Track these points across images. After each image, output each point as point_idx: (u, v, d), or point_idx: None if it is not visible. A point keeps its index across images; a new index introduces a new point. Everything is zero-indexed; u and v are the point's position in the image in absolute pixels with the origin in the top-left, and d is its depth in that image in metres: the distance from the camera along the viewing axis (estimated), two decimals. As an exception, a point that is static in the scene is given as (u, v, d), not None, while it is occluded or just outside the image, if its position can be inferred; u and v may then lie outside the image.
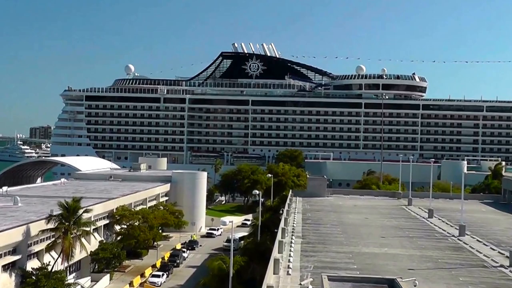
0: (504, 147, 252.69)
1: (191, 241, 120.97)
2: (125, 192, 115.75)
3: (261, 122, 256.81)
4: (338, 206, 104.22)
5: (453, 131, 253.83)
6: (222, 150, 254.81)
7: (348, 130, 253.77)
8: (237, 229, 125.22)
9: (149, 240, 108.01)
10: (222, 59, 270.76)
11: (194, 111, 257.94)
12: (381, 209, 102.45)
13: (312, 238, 68.09)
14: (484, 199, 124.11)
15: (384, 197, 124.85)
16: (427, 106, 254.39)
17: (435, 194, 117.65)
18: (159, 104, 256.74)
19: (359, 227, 78.86)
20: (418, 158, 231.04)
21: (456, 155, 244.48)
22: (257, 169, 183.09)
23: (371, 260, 57.46)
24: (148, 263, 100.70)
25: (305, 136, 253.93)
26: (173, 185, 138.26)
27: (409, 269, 52.74)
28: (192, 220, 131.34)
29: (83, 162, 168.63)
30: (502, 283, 50.02)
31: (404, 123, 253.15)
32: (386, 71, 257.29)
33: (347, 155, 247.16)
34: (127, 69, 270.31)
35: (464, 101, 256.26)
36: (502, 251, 62.93)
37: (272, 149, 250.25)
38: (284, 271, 49.93)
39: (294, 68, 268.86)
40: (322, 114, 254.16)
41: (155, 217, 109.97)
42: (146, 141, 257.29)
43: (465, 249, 65.06)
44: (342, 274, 47.11)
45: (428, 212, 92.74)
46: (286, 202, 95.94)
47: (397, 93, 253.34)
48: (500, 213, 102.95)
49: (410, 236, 72.91)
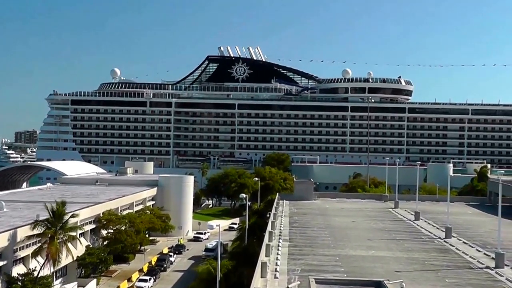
0: (489, 150, 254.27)
1: (178, 245, 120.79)
2: (112, 197, 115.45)
3: (247, 126, 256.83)
4: (325, 209, 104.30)
5: (439, 134, 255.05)
6: (209, 154, 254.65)
7: (334, 134, 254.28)
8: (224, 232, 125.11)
9: (136, 244, 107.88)
10: (208, 63, 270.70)
11: (181, 115, 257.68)
12: (368, 212, 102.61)
13: (299, 241, 68.12)
14: (470, 201, 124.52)
15: (371, 200, 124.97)
16: (413, 110, 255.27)
17: (422, 197, 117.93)
18: (145, 108, 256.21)
19: (346, 230, 78.97)
20: (404, 161, 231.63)
21: (442, 158, 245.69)
22: (244, 172, 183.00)
23: (358, 262, 57.55)
24: (135, 268, 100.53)
25: (292, 140, 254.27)
26: (160, 189, 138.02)
27: (396, 271, 52.84)
28: (179, 224, 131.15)
29: (69, 167, 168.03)
30: (488, 284, 50.26)
31: (390, 126, 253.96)
32: (372, 75, 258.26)
33: (333, 159, 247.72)
34: (113, 73, 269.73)
35: (449, 104, 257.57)
36: (488, 252, 63.20)
37: (258, 153, 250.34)
38: (271, 275, 49.92)
39: (280, 72, 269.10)
40: (308, 118, 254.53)
41: (141, 221, 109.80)
42: (133, 145, 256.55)
43: (451, 251, 65.30)
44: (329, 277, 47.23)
45: (414, 215, 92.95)
46: (273, 205, 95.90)
47: (383, 97, 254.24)
48: (486, 215, 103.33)
49: (397, 239, 73.07)
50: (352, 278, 46.70)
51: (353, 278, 46.55)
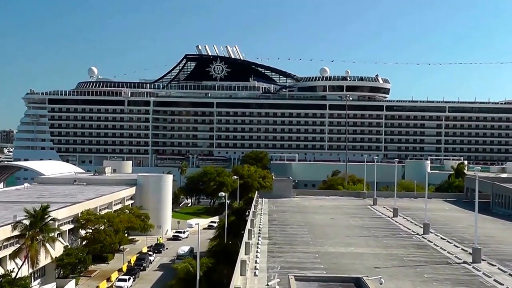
0: (466, 147, 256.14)
1: (157, 244, 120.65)
2: (90, 196, 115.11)
3: (226, 124, 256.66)
4: (304, 207, 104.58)
5: (416, 131, 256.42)
6: (188, 153, 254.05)
7: (313, 132, 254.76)
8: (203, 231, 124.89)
9: (115, 244, 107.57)
10: (186, 62, 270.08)
11: (159, 113, 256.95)
12: (347, 209, 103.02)
13: (278, 239, 68.27)
14: (447, 198, 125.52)
15: (350, 197, 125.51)
16: (391, 107, 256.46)
17: (400, 194, 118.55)
18: (123, 107, 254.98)
19: (325, 227, 79.24)
20: (382, 158, 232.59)
21: (420, 155, 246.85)
22: (223, 171, 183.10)
23: (338, 259, 57.82)
24: (114, 267, 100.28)
25: (270, 138, 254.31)
26: (139, 188, 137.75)
27: (375, 268, 53.16)
28: (158, 223, 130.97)
29: (46, 166, 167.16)
30: (465, 279, 50.72)
31: (368, 124, 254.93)
32: (350, 73, 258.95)
33: (312, 156, 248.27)
34: (90, 71, 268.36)
35: (427, 102, 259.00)
36: (465, 248, 63.79)
37: (237, 151, 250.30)
38: (251, 272, 50.01)
39: (258, 70, 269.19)
40: (287, 116, 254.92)
41: (120, 220, 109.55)
42: (111, 144, 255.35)
43: (429, 247, 65.78)
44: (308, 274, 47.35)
45: (393, 211, 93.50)
46: (252, 203, 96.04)
47: (361, 95, 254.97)
48: (463, 211, 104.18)
49: (376, 235, 73.46)
50: (331, 275, 46.85)
51: (332, 275, 46.70)
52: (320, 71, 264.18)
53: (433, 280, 49.74)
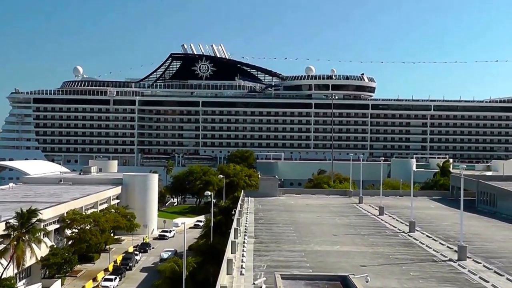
0: (452, 145, 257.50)
1: (143, 244, 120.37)
2: (76, 196, 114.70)
3: (211, 123, 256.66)
4: (290, 206, 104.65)
5: (402, 130, 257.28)
6: (173, 152, 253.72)
7: (298, 130, 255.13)
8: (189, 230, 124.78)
9: (101, 243, 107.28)
10: (171, 60, 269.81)
11: (144, 113, 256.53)
12: (333, 208, 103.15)
13: (264, 238, 68.27)
14: (433, 196, 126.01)
15: (336, 195, 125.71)
16: (376, 106, 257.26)
17: (386, 192, 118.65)
18: (108, 106, 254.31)
19: (311, 226, 79.30)
20: (368, 157, 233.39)
21: (405, 153, 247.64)
22: (209, 170, 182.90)
23: (324, 258, 57.87)
24: (100, 267, 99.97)
25: (256, 137, 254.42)
26: (124, 187, 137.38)
27: (361, 266, 53.22)
28: (144, 223, 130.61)
29: (32, 166, 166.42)
30: (451, 276, 50.90)
31: (354, 122, 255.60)
32: (335, 72, 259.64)
33: (298, 155, 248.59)
34: (75, 70, 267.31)
35: (412, 100, 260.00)
36: (450, 245, 64.03)
37: (223, 150, 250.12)
38: (237, 271, 49.98)
39: (244, 69, 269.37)
40: (272, 115, 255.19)
41: (106, 220, 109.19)
42: (96, 143, 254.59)
43: (415, 245, 65.98)
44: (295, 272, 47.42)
45: (378, 210, 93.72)
46: (238, 202, 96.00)
47: (346, 94, 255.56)
48: (448, 209, 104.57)
49: (362, 234, 73.61)
50: (317, 273, 46.88)
51: (318, 273, 46.72)
52: (306, 70, 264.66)
53: (419, 278, 49.89)
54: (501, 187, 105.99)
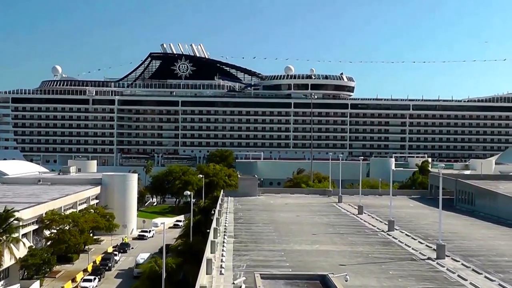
0: (430, 144, 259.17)
1: (122, 244, 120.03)
2: (55, 196, 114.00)
3: (191, 123, 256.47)
4: (270, 205, 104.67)
5: (381, 129, 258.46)
6: (153, 152, 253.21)
7: (278, 130, 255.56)
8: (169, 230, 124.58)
9: (80, 244, 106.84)
10: (151, 60, 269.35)
11: (124, 112, 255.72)
12: (312, 207, 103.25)
13: (244, 237, 68.26)
14: (411, 195, 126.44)
15: (315, 195, 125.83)
16: (355, 106, 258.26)
17: (365, 191, 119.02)
18: (87, 105, 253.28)
19: (290, 225, 79.34)
20: (347, 156, 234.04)
21: (384, 152, 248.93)
22: (188, 170, 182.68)
23: (303, 257, 57.94)
24: (80, 268, 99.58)
25: (236, 136, 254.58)
26: (104, 187, 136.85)
27: (340, 265, 53.33)
28: (123, 223, 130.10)
29: (10, 166, 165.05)
30: (430, 275, 51.16)
31: (333, 122, 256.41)
32: (314, 71, 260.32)
33: (277, 155, 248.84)
34: (54, 70, 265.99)
35: (391, 100, 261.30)
36: (429, 244, 64.31)
37: (202, 150, 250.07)
38: (217, 271, 49.95)
39: (223, 69, 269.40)
40: (252, 114, 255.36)
41: (85, 220, 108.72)
42: (75, 143, 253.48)
43: (394, 244, 66.23)
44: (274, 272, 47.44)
45: (358, 209, 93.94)
46: (217, 202, 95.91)
47: (325, 93, 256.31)
48: (427, 207, 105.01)
49: (341, 233, 73.76)
50: (297, 273, 46.95)
51: (298, 273, 46.79)
52: (285, 70, 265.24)
53: (398, 277, 50.11)
54: (479, 186, 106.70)
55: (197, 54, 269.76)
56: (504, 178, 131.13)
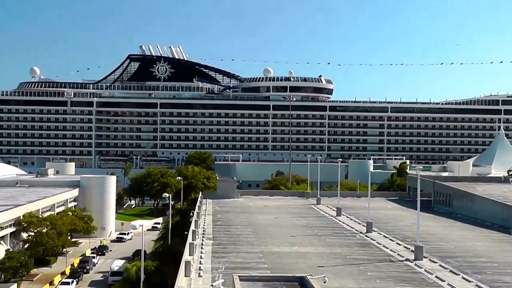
0: (408, 146, 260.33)
1: (101, 246, 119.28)
2: (32, 199, 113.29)
3: (170, 125, 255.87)
4: (248, 207, 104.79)
5: (359, 131, 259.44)
6: (131, 154, 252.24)
7: (256, 132, 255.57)
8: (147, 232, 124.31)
9: (58, 247, 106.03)
10: (129, 62, 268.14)
11: (102, 114, 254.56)
12: (291, 209, 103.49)
13: (222, 239, 68.30)
14: (390, 197, 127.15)
15: (293, 197, 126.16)
16: (334, 108, 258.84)
17: (343, 193, 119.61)
18: (66, 107, 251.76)
19: (269, 227, 79.50)
20: (326, 158, 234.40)
21: (363, 154, 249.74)
22: (167, 172, 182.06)
23: (282, 259, 58.07)
24: (57, 271, 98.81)
25: (214, 138, 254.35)
26: (82, 190, 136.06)
27: (319, 266, 53.52)
28: (101, 225, 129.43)
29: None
30: (408, 276, 51.50)
31: (312, 124, 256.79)
32: (293, 74, 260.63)
33: (256, 157, 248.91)
34: (32, 71, 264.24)
35: (369, 102, 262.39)
36: (407, 245, 64.70)
37: (181, 152, 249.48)
38: (195, 273, 49.96)
39: (202, 71, 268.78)
40: (230, 116, 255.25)
41: (63, 223, 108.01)
42: (53, 145, 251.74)
43: (372, 245, 66.57)
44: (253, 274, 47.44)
45: (336, 211, 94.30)
46: (196, 204, 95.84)
47: (304, 95, 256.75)
48: (405, 209, 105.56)
49: (319, 234, 74.01)
50: (275, 275, 47.05)
51: (276, 274, 46.89)
52: (264, 72, 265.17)
53: (376, 278, 50.37)
54: (457, 187, 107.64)
55: (175, 56, 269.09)
56: (481, 180, 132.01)
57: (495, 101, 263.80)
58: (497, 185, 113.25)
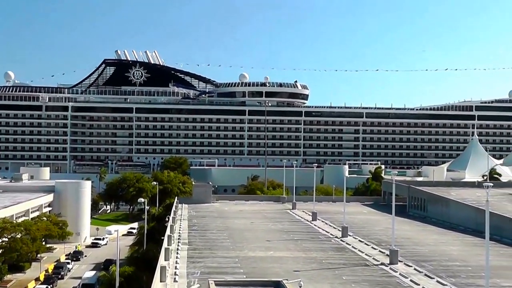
0: (383, 151, 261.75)
1: (75, 252, 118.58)
2: (6, 204, 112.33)
3: (145, 130, 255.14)
4: (224, 212, 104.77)
5: (334, 136, 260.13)
6: (107, 159, 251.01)
7: (232, 137, 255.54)
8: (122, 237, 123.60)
9: (32, 252, 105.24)
10: (105, 66, 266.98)
11: (77, 119, 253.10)
12: (266, 214, 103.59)
13: (198, 244, 68.24)
14: (365, 201, 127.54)
15: (269, 201, 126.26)
16: (309, 113, 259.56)
17: (319, 198, 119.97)
18: (40, 112, 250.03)
19: (245, 232, 79.54)
20: (301, 163, 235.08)
21: (338, 159, 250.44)
22: (142, 177, 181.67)
23: (257, 263, 58.11)
24: (31, 277, 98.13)
25: (190, 143, 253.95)
26: (57, 195, 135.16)
27: (295, 271, 53.63)
28: (76, 231, 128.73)
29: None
30: (383, 280, 51.76)
31: (287, 129, 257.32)
32: (269, 79, 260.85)
33: (232, 162, 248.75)
34: (6, 76, 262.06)
35: (345, 108, 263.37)
36: (382, 250, 65.05)
37: (157, 157, 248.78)
38: (171, 278, 49.84)
39: (177, 76, 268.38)
40: (206, 121, 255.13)
41: (38, 228, 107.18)
42: (28, 150, 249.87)
43: (347, 249, 66.81)
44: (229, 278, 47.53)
45: (311, 215, 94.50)
46: (172, 209, 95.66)
47: (280, 101, 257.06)
48: (380, 214, 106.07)
49: (295, 239, 74.15)
50: (251, 279, 47.13)
51: (252, 279, 46.98)
52: (240, 77, 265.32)
53: (352, 282, 50.56)
54: (432, 192, 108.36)
55: (151, 61, 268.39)
56: (455, 184, 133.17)
57: (468, 107, 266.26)
58: (471, 190, 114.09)
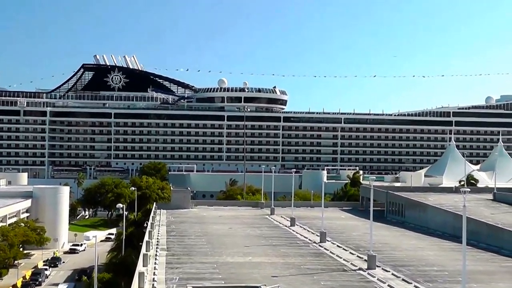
0: (362, 157, 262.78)
1: (53, 258, 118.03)
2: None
3: (124, 135, 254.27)
4: (202, 217, 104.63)
5: (313, 142, 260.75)
6: (85, 164, 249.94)
7: (211, 142, 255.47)
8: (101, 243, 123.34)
9: (10, 259, 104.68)
10: (83, 71, 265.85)
11: (56, 124, 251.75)
12: (245, 219, 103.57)
13: (177, 250, 68.17)
14: (343, 207, 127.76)
15: (248, 207, 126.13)
16: (288, 119, 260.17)
17: (297, 203, 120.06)
18: (18, 117, 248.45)
19: (223, 237, 79.52)
20: (280, 169, 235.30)
21: (317, 165, 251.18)
22: (121, 182, 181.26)
23: (236, 269, 58.17)
24: (9, 283, 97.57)
25: (169, 149, 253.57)
26: (34, 200, 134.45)
27: (273, 276, 53.71)
28: (54, 236, 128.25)
29: None
30: (361, 285, 52.04)
31: (266, 135, 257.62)
32: (248, 85, 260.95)
33: (210, 167, 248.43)
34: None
35: (323, 113, 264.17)
36: (360, 255, 65.34)
37: (135, 162, 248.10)
38: (149, 285, 49.77)
39: (156, 81, 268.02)
40: (185, 127, 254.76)
41: (15, 234, 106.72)
42: (6, 155, 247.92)
43: (326, 255, 67.04)
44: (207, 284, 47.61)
45: (290, 221, 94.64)
46: (150, 215, 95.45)
47: (258, 106, 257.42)
48: (358, 219, 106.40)
49: (274, 244, 74.27)
50: (229, 285, 47.27)
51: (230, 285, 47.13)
52: (219, 83, 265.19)
53: (330, 287, 50.80)
54: (409, 197, 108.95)
55: (130, 66, 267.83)
56: (433, 190, 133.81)
57: (446, 113, 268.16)
58: (448, 195, 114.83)
